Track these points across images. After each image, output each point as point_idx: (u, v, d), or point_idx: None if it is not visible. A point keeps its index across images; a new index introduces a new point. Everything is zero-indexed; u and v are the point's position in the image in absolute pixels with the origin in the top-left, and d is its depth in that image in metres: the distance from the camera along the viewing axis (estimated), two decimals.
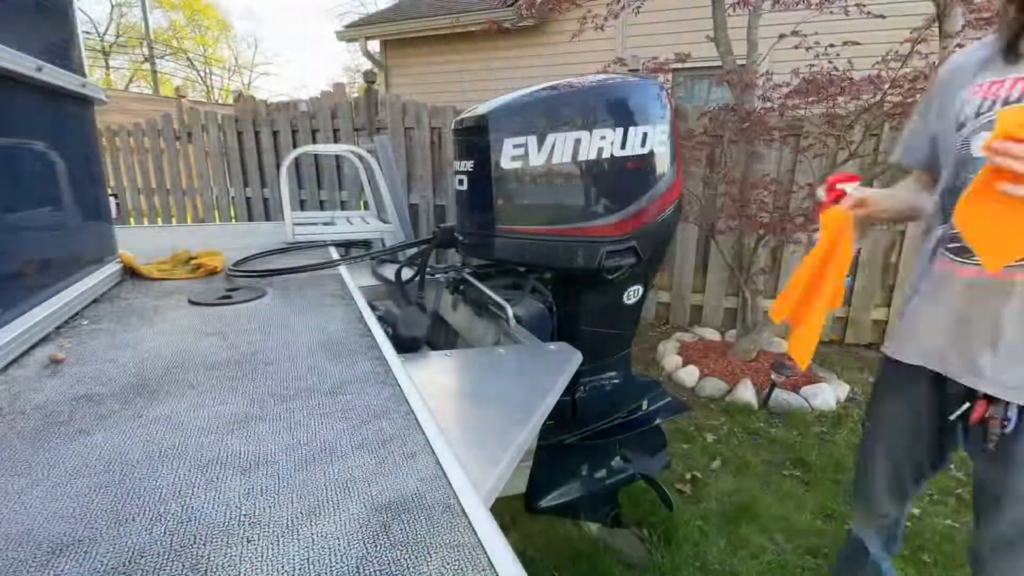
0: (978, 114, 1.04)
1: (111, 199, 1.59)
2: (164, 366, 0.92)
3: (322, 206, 5.19)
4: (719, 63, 3.41)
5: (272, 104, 5.98)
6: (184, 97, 10.27)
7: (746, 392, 3.13)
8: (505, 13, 4.81)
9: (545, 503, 1.67)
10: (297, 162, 5.17)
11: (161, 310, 1.25)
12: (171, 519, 0.54)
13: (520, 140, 1.35)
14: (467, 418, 0.90)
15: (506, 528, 0.55)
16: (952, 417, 1.09)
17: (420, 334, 1.38)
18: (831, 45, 3.08)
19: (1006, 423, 1.01)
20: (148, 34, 22.37)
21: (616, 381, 1.76)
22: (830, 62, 3.02)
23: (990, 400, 1.03)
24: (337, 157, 5.04)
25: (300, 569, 0.48)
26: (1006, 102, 1.01)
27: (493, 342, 1.43)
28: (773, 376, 3.02)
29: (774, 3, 3.23)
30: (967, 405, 1.06)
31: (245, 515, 0.55)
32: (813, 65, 3.08)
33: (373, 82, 4.95)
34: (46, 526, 0.52)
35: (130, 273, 1.58)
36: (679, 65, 3.39)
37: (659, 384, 1.91)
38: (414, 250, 1.92)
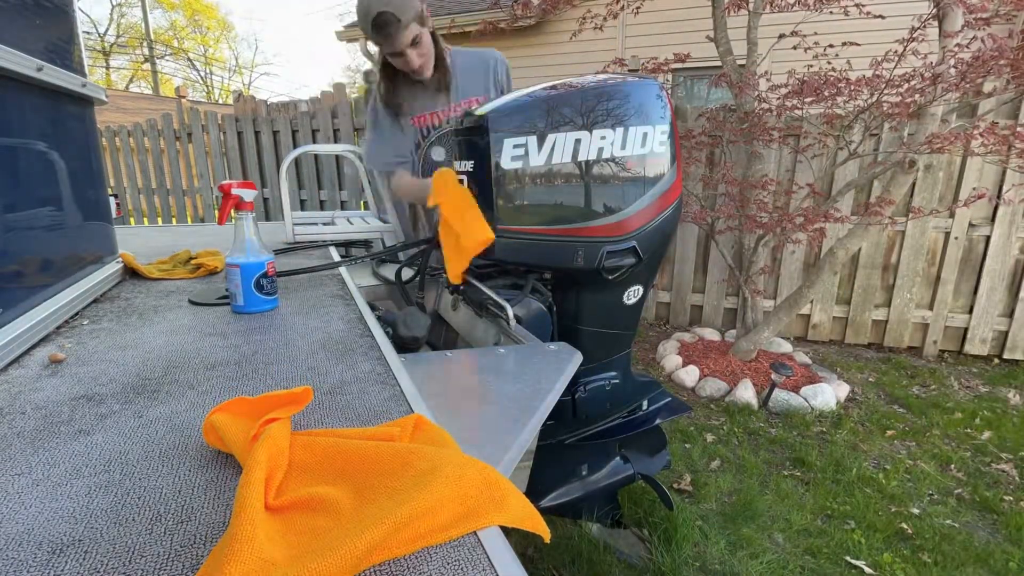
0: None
1: (111, 199, 1.60)
2: (164, 366, 0.92)
3: (322, 206, 5.19)
4: (719, 63, 3.41)
5: (272, 104, 5.98)
6: (184, 97, 10.27)
7: (746, 392, 3.13)
8: (502, 14, 4.81)
9: (545, 503, 1.67)
10: (297, 162, 5.17)
11: (161, 310, 1.25)
12: (171, 519, 0.54)
13: (520, 140, 1.35)
14: (467, 418, 0.90)
15: (506, 528, 0.55)
16: None
17: (420, 334, 1.38)
18: (830, 45, 3.09)
19: None
20: (148, 34, 22.38)
21: (616, 381, 1.76)
22: (829, 63, 3.02)
23: None
24: (337, 157, 5.04)
25: None
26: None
27: (493, 342, 1.43)
28: (773, 376, 3.02)
29: (771, 4, 3.23)
30: None
31: None
32: (812, 66, 3.08)
33: (373, 82, 4.95)
34: (46, 526, 0.52)
35: (130, 273, 1.58)
36: (679, 65, 3.39)
37: (659, 384, 1.91)
38: (414, 250, 1.92)
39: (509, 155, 1.35)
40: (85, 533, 0.51)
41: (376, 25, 1.55)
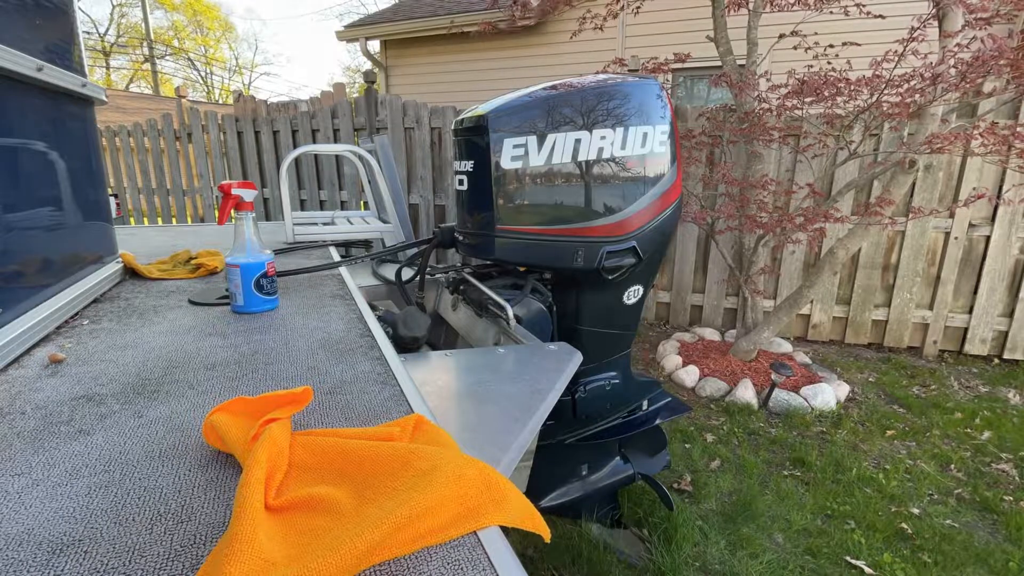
0: None
1: (111, 199, 1.59)
2: (164, 366, 0.92)
3: (322, 206, 5.19)
4: (719, 63, 3.41)
5: (272, 104, 5.98)
6: (184, 97, 10.27)
7: (746, 392, 3.13)
8: (501, 14, 4.82)
9: (545, 503, 1.67)
10: (297, 162, 5.17)
11: (161, 310, 1.25)
12: (171, 519, 0.54)
13: (520, 140, 1.35)
14: (467, 418, 0.90)
15: (506, 528, 0.55)
16: None
17: (420, 334, 1.38)
18: (830, 45, 3.09)
19: None
20: (148, 34, 22.37)
21: (616, 381, 1.76)
22: (829, 63, 3.03)
23: None
24: (337, 157, 5.04)
25: None
26: None
27: (493, 342, 1.43)
28: (773, 376, 3.02)
29: (771, 3, 3.23)
30: None
31: None
32: (812, 66, 3.08)
33: (373, 82, 4.95)
34: (46, 526, 0.52)
35: (130, 273, 1.58)
36: (679, 65, 3.39)
37: (659, 384, 1.91)
38: (414, 250, 1.92)
39: (509, 155, 1.35)
40: (85, 533, 0.51)
41: None
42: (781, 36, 3.13)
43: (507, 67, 7.20)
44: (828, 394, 3.09)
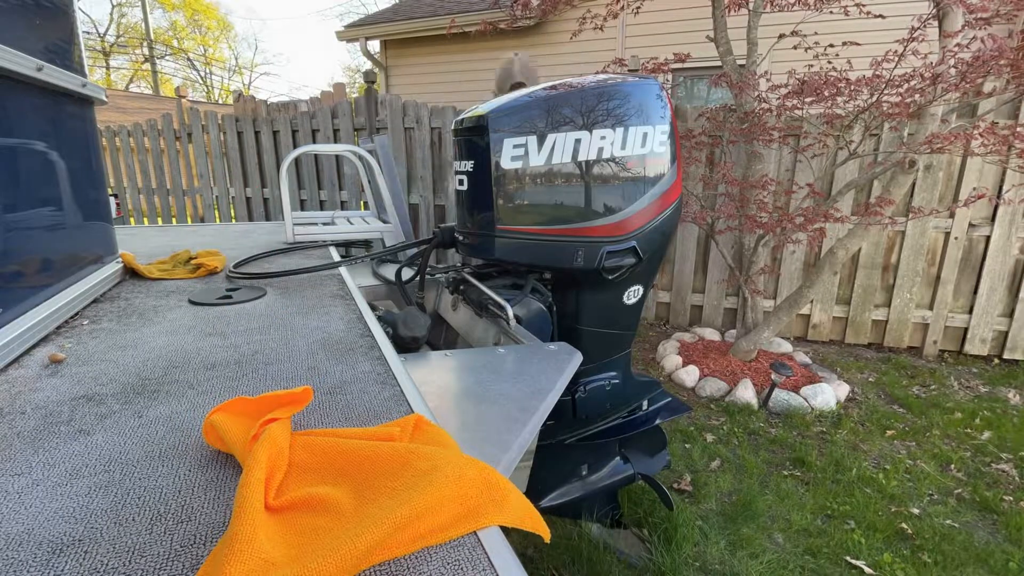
0: None
1: (111, 199, 1.59)
2: (164, 366, 0.92)
3: (322, 206, 5.19)
4: (719, 63, 3.41)
5: (272, 104, 5.98)
6: (184, 97, 10.27)
7: (746, 392, 3.13)
8: (501, 14, 4.83)
9: (545, 503, 1.67)
10: (297, 162, 5.17)
11: (161, 310, 1.25)
12: (171, 519, 0.54)
13: (520, 140, 1.35)
14: (467, 418, 0.90)
15: (506, 528, 0.55)
16: None
17: (420, 334, 1.38)
18: (831, 45, 3.09)
19: None
20: (148, 34, 22.38)
21: (616, 381, 1.76)
22: (829, 62, 3.03)
23: None
24: (337, 157, 5.04)
25: None
26: None
27: (493, 342, 1.43)
28: (773, 376, 3.02)
29: (771, 3, 3.23)
30: None
31: None
32: (812, 66, 3.08)
33: (373, 82, 4.95)
34: (46, 526, 0.52)
35: (130, 273, 1.58)
36: (679, 65, 3.39)
37: (659, 384, 1.91)
38: (414, 250, 1.92)
39: (509, 155, 1.35)
40: (85, 533, 0.51)
41: (513, 88, 2.18)
42: (781, 36, 3.13)
43: None
44: (828, 394, 3.09)
